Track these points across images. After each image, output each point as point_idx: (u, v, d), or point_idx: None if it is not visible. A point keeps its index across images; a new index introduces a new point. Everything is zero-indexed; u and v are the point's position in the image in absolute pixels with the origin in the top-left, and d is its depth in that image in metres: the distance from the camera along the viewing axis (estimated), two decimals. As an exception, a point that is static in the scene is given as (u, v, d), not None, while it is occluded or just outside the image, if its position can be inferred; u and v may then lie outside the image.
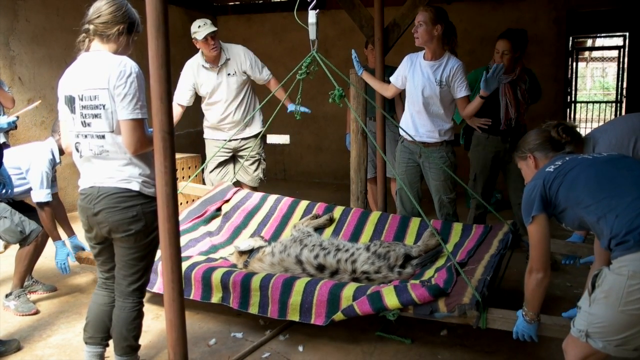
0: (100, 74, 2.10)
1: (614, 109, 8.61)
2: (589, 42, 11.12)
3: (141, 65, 2.15)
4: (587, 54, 12.63)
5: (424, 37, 3.37)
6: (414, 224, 3.46)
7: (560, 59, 6.37)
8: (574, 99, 8.40)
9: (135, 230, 2.17)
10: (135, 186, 2.17)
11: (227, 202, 3.86)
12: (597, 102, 11.53)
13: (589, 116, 10.85)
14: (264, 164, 4.51)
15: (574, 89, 8.25)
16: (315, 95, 6.63)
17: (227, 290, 2.83)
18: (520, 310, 2.23)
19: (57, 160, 3.29)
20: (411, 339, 2.87)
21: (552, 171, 2.04)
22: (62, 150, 3.14)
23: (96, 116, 2.13)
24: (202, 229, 3.60)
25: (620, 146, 2.46)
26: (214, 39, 4.05)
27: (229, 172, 4.43)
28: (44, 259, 3.70)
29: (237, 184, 4.33)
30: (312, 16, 2.96)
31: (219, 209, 3.80)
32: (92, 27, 2.17)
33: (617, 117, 7.61)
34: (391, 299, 2.51)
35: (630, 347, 1.79)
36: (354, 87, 3.63)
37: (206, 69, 4.18)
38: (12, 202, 3.29)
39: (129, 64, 2.11)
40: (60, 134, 2.89)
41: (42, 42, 5.34)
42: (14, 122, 3.70)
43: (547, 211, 2.03)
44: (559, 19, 6.22)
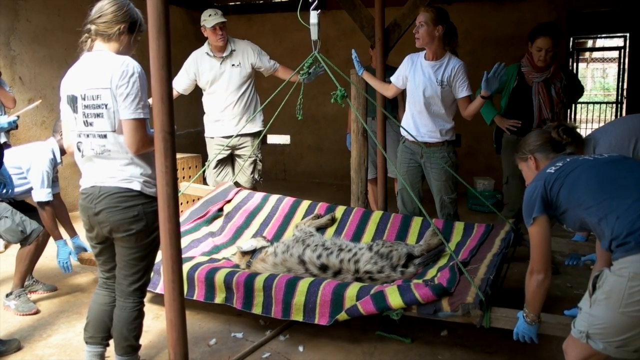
0: (102, 73, 2.11)
1: (614, 110, 8.60)
2: (590, 43, 11.11)
3: (142, 65, 2.15)
4: (587, 54, 12.60)
5: (425, 38, 3.36)
6: (416, 223, 3.46)
7: (560, 59, 6.36)
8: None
9: (136, 230, 2.18)
10: (136, 186, 2.18)
11: (229, 202, 3.86)
12: (597, 102, 11.51)
13: (590, 117, 10.84)
14: (260, 165, 4.50)
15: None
16: (315, 95, 6.64)
17: (231, 290, 2.83)
18: (521, 311, 2.23)
19: (58, 160, 3.30)
20: (411, 338, 2.87)
21: (553, 172, 2.04)
22: (64, 150, 3.14)
23: (98, 115, 2.14)
24: (205, 230, 3.60)
25: (620, 147, 2.46)
26: (222, 30, 4.13)
27: (229, 173, 4.44)
28: (45, 258, 3.71)
29: (237, 184, 4.33)
30: (313, 17, 2.95)
31: (220, 210, 3.80)
32: (94, 27, 2.18)
33: (618, 118, 7.61)
34: (395, 299, 2.52)
35: (630, 349, 1.79)
36: (355, 87, 3.63)
37: (210, 56, 4.23)
38: (13, 202, 3.30)
39: (131, 64, 2.11)
40: (61, 134, 2.89)
41: (43, 42, 5.35)
42: (15, 121, 3.70)
43: (548, 212, 2.03)
44: (559, 20, 6.21)
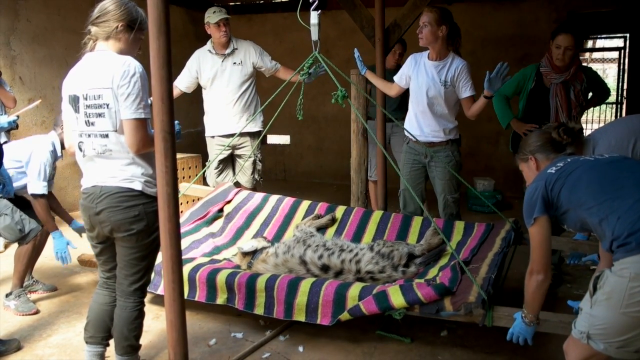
0: (104, 73, 2.11)
1: (614, 110, 8.58)
2: (590, 44, 11.11)
3: (142, 65, 2.15)
4: (587, 55, 12.61)
5: (429, 38, 3.34)
6: (416, 223, 3.46)
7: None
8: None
9: (137, 229, 2.18)
10: (137, 186, 2.18)
11: (229, 203, 3.85)
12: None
13: (589, 117, 10.82)
14: (260, 165, 4.50)
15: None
16: (315, 95, 6.64)
17: (233, 291, 2.82)
18: (519, 312, 2.23)
19: (59, 153, 3.28)
20: (411, 338, 2.87)
21: (554, 173, 2.04)
22: (64, 144, 3.13)
23: (100, 115, 2.14)
24: (205, 230, 3.60)
25: (620, 147, 2.46)
26: (226, 26, 4.17)
27: (229, 173, 4.43)
28: (44, 258, 3.70)
29: (237, 185, 4.33)
30: (314, 17, 2.95)
31: (220, 210, 3.80)
32: (94, 28, 2.19)
33: (618, 118, 7.60)
34: (397, 298, 2.52)
35: (631, 349, 1.78)
36: (355, 87, 3.62)
37: (212, 54, 4.26)
38: (13, 198, 3.27)
39: (132, 64, 2.11)
40: (62, 128, 2.88)
41: (43, 42, 5.35)
42: (15, 121, 3.70)
43: (549, 213, 2.02)
44: (559, 20, 6.21)
